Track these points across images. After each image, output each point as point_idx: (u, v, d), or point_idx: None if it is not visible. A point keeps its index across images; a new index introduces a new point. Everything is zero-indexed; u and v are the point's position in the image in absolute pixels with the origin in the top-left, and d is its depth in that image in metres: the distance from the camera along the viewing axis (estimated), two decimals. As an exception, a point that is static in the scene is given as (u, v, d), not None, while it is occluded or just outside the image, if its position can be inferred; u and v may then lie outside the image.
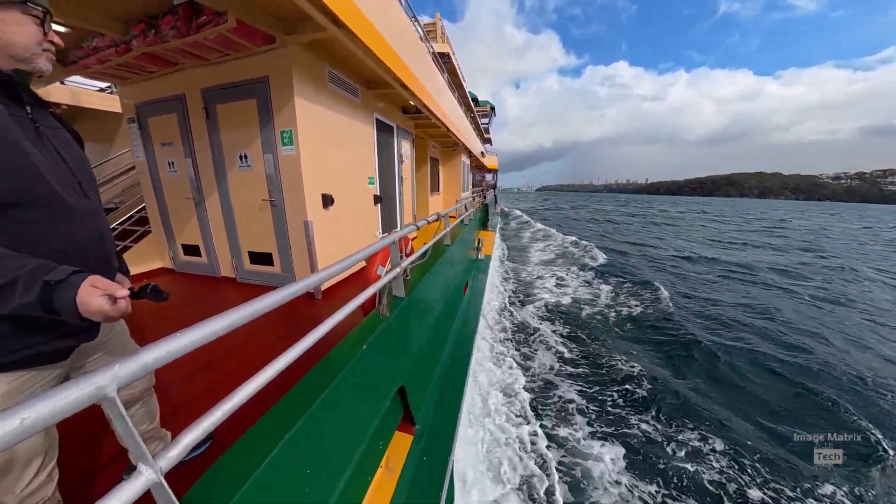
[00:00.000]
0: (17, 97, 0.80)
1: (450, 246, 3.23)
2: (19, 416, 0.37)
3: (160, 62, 2.97)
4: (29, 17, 0.76)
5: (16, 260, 0.64)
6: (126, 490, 0.48)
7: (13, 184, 0.71)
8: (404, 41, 3.24)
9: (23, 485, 0.79)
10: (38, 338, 0.78)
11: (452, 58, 9.19)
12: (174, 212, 3.85)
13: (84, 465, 1.28)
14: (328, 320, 1.02)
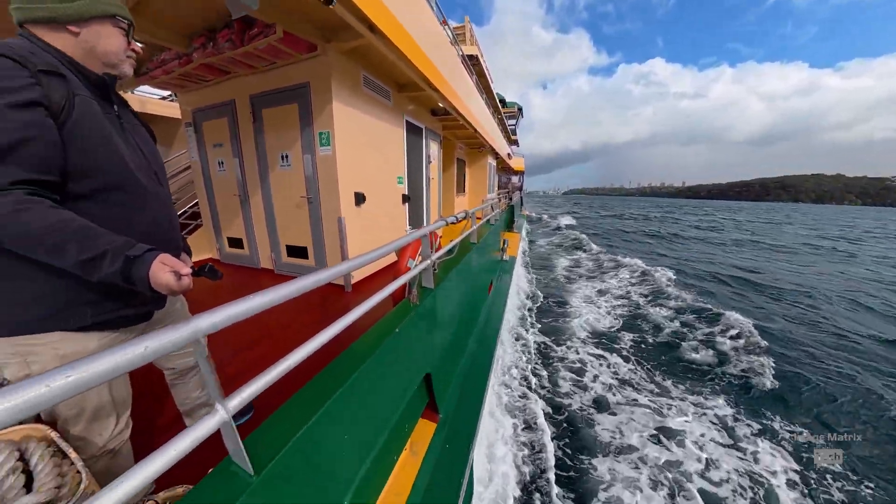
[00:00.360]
0: (108, 97, 0.92)
1: (475, 245, 3.28)
2: (143, 345, 0.47)
3: (215, 71, 3.28)
4: (118, 28, 0.88)
5: (106, 236, 0.74)
6: (205, 425, 0.58)
7: (107, 172, 0.84)
8: (435, 44, 3.34)
9: (110, 428, 0.94)
10: (120, 304, 0.90)
11: (481, 60, 9.24)
12: (222, 207, 4.20)
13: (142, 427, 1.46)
14: (362, 305, 1.11)
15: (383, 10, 2.21)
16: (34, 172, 0.70)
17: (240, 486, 0.64)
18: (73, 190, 0.78)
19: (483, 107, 6.58)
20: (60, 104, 0.75)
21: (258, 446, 0.75)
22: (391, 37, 2.37)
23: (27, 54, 0.73)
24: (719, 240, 20.62)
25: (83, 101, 0.80)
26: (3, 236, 0.67)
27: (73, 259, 0.70)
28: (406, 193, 4.53)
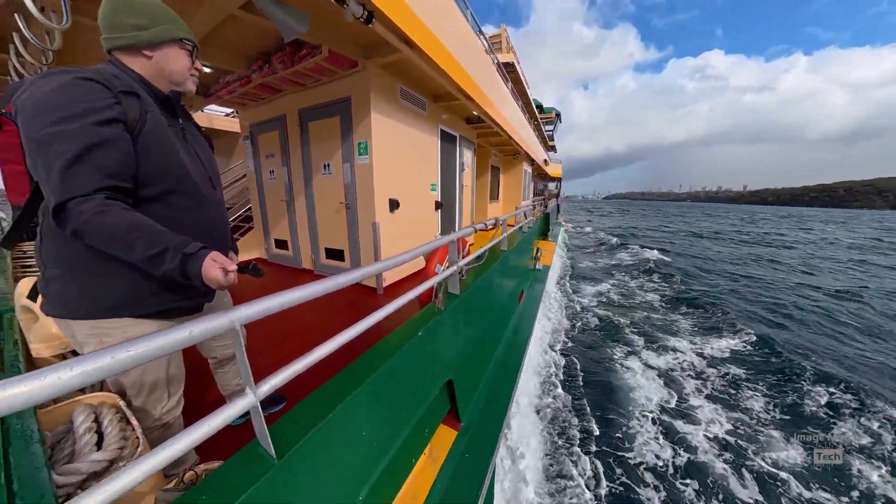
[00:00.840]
0: (173, 112, 1.03)
1: (506, 252, 3.23)
2: (188, 329, 0.54)
3: (270, 90, 3.62)
4: (184, 50, 0.99)
5: (168, 235, 0.82)
6: (237, 405, 0.65)
7: (170, 177, 0.94)
8: (470, 55, 3.40)
9: (164, 401, 1.06)
10: (177, 296, 1.00)
11: (517, 67, 9.20)
12: (270, 211, 4.59)
13: (193, 407, 1.62)
14: (388, 305, 1.15)
15: (420, 25, 2.31)
16: (112, 180, 0.81)
17: (262, 467, 0.69)
18: (142, 194, 0.90)
19: (518, 113, 6.53)
20: (135, 120, 0.87)
21: (283, 432, 0.80)
22: (427, 50, 2.47)
23: (111, 77, 0.86)
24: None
25: (153, 116, 0.92)
26: (87, 234, 0.78)
27: (141, 255, 0.80)
28: (439, 200, 4.61)
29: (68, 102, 0.77)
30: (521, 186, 9.54)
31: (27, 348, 1.26)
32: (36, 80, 0.79)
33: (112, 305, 0.91)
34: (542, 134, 16.44)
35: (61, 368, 0.41)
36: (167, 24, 0.94)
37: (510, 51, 9.78)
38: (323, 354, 0.83)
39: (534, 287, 4.88)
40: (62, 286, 0.90)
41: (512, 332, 3.09)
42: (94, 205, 0.77)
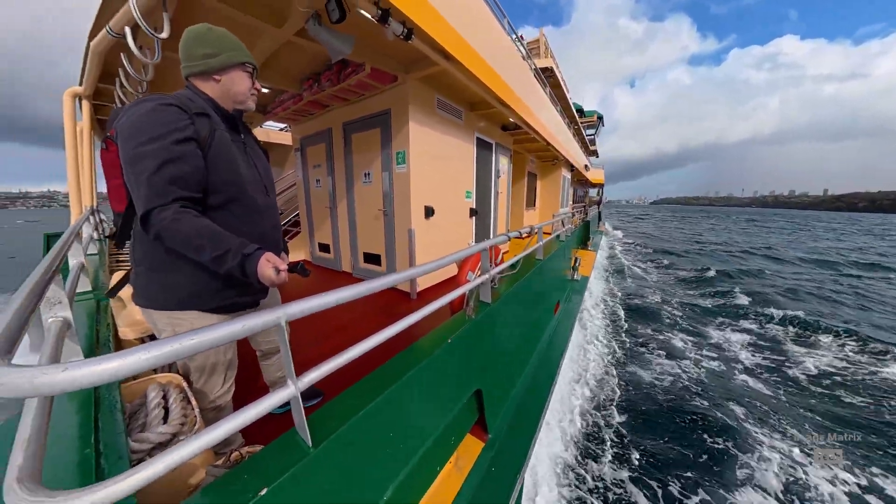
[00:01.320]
0: (237, 128, 1.15)
1: (542, 261, 3.15)
2: (241, 323, 0.60)
3: (318, 106, 3.92)
4: (246, 73, 1.10)
5: (230, 238, 0.93)
6: (279, 395, 0.71)
7: (232, 187, 1.06)
8: (506, 63, 3.41)
9: (218, 386, 1.18)
10: (236, 292, 1.11)
11: (556, 71, 9.02)
12: (316, 217, 4.92)
13: (243, 394, 1.77)
14: (421, 310, 1.17)
15: (457, 38, 2.37)
16: (186, 191, 0.93)
17: (298, 455, 0.74)
18: (209, 202, 1.02)
19: (557, 119, 6.38)
20: (206, 137, 1.00)
21: (319, 424, 0.85)
22: (464, 62, 2.52)
23: (187, 101, 0.99)
24: None
25: (220, 133, 1.05)
26: (166, 238, 0.90)
27: (208, 256, 0.90)
28: (474, 207, 4.63)
29: (152, 125, 0.91)
30: (560, 193, 9.23)
31: (116, 330, 1.48)
32: (130, 107, 0.94)
33: (183, 299, 1.05)
34: (583, 139, 15.85)
35: (140, 351, 0.48)
36: (232, 51, 1.07)
37: (549, 55, 9.63)
38: (358, 353, 0.88)
39: (571, 298, 4.68)
40: (147, 281, 1.05)
41: (545, 344, 2.98)
42: (171, 213, 0.89)
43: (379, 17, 1.81)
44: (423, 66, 2.90)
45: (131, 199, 0.97)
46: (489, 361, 1.82)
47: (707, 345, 6.22)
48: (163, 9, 1.68)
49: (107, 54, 2.27)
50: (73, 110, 3.07)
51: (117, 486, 0.48)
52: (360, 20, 1.87)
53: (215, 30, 1.07)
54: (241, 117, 1.21)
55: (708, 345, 6.22)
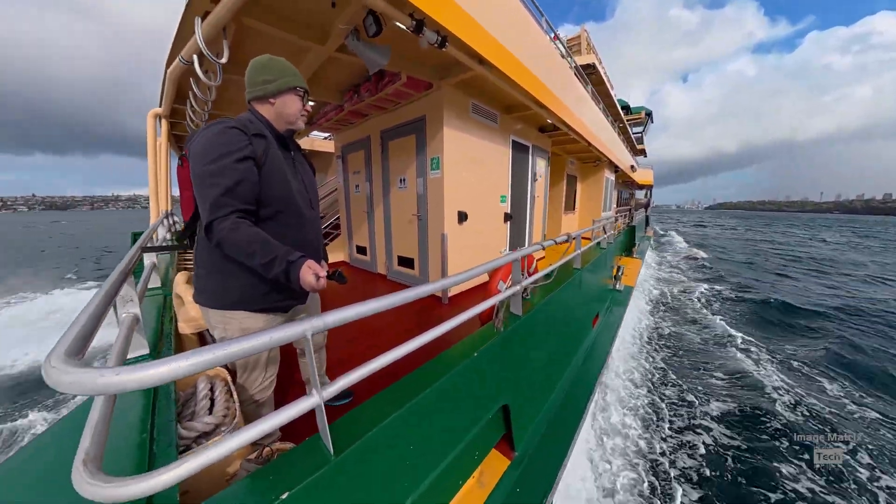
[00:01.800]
0: (287, 146, 1.27)
1: (580, 270, 2.98)
2: (268, 336, 0.64)
3: (358, 115, 4.11)
4: (297, 96, 1.19)
5: (277, 246, 1.02)
6: (302, 404, 0.73)
7: (281, 200, 1.17)
8: (544, 63, 3.31)
9: (260, 380, 1.28)
10: (280, 296, 1.22)
11: (598, 67, 8.56)
12: (354, 221, 5.15)
13: (284, 387, 1.88)
14: (448, 321, 1.16)
15: (491, 41, 2.34)
16: (243, 203, 1.05)
17: (320, 461, 0.77)
18: (261, 213, 1.14)
19: (599, 117, 6.04)
20: (261, 156, 1.11)
21: (342, 430, 0.87)
22: (499, 65, 2.49)
23: (248, 123, 1.11)
24: None
25: (273, 152, 1.16)
26: (224, 245, 1.02)
27: (258, 261, 1.00)
28: (508, 212, 4.53)
29: (217, 146, 1.03)
30: (602, 196, 8.72)
31: (177, 325, 1.66)
32: (202, 130, 1.08)
33: (234, 300, 1.16)
34: (630, 137, 14.87)
35: (182, 359, 0.53)
36: (286, 77, 1.18)
37: (591, 51, 9.20)
38: (388, 361, 0.89)
39: (612, 310, 4.38)
40: (206, 282, 1.18)
41: (582, 359, 2.82)
42: (229, 223, 1.01)
43: (414, 27, 1.85)
44: (457, 71, 2.91)
45: (197, 210, 1.10)
46: (518, 376, 1.76)
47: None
48: (223, 37, 1.87)
49: (180, 79, 2.58)
50: (155, 127, 3.54)
51: (163, 476, 0.53)
52: (396, 32, 1.93)
53: (275, 59, 1.18)
54: (292, 136, 1.32)
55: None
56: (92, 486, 0.49)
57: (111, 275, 0.98)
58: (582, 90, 4.81)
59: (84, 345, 0.60)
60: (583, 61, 8.15)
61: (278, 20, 2.08)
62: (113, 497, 0.49)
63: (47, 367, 0.47)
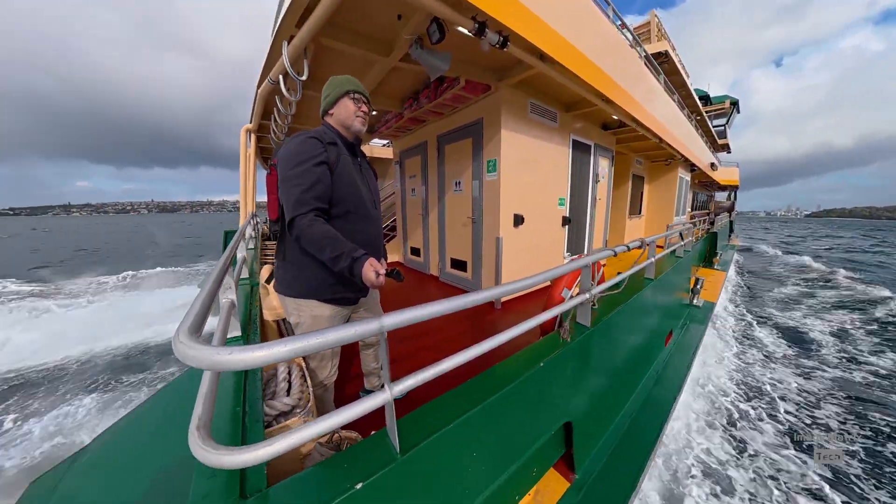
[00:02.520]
0: (355, 152, 1.39)
1: (651, 281, 2.68)
2: (352, 329, 0.66)
3: (416, 122, 4.26)
4: (350, 100, 1.30)
5: (345, 242, 1.12)
6: (375, 399, 0.75)
7: (349, 201, 1.28)
8: (610, 55, 3.08)
9: (328, 368, 1.39)
10: (345, 289, 1.32)
11: (672, 54, 7.71)
12: (410, 223, 5.34)
13: (344, 375, 1.99)
14: (508, 331, 1.10)
15: (554, 37, 2.25)
16: (319, 203, 1.17)
17: (386, 458, 0.78)
18: (332, 212, 1.25)
19: (673, 110, 5.43)
20: (334, 161, 1.24)
21: (407, 429, 0.88)
22: (562, 61, 2.37)
23: (323, 134, 1.25)
24: None
25: (344, 157, 1.28)
26: (302, 240, 1.15)
27: (328, 255, 1.10)
28: (567, 216, 4.30)
29: (299, 153, 1.17)
30: (675, 198, 7.80)
31: (262, 312, 1.86)
32: (288, 141, 1.23)
33: (307, 290, 1.29)
34: (710, 131, 13.15)
35: (278, 345, 0.58)
36: (339, 87, 1.31)
37: (662, 38, 8.36)
38: (454, 365, 0.88)
39: (689, 328, 3.86)
40: (284, 272, 1.33)
41: (653, 381, 2.52)
42: (307, 220, 1.13)
43: (476, 30, 1.85)
44: (517, 71, 2.85)
45: (281, 210, 1.24)
46: (583, 392, 1.63)
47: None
48: (304, 57, 2.07)
49: (266, 98, 2.94)
50: (245, 141, 4.09)
51: (259, 452, 0.58)
52: (456, 37, 1.95)
53: (334, 77, 1.32)
54: (359, 144, 1.44)
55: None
56: (203, 450, 0.55)
57: (216, 266, 1.13)
58: (653, 81, 4.37)
59: (201, 324, 0.69)
60: (654, 49, 7.44)
61: (349, 36, 2.24)
62: (218, 463, 0.55)
63: (176, 342, 0.54)
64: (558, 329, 1.60)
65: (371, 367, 1.79)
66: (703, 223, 8.02)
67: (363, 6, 1.98)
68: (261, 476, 0.72)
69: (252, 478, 0.72)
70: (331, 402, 1.51)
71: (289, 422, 1.08)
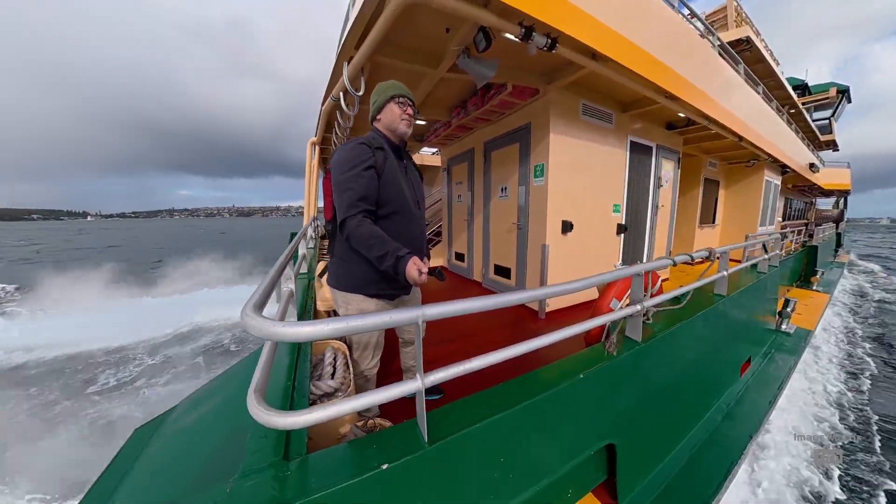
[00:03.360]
0: (401, 156, 1.46)
1: (724, 298, 2.35)
2: (388, 316, 0.72)
3: (464, 130, 4.35)
4: (395, 104, 1.38)
5: (390, 242, 1.20)
6: (407, 386, 0.79)
7: (395, 202, 1.36)
8: (675, 47, 2.83)
9: (369, 359, 1.47)
10: (388, 286, 1.40)
11: (755, 41, 6.74)
12: (455, 228, 5.42)
13: (385, 370, 2.07)
14: (547, 335, 1.07)
15: (607, 33, 2.14)
16: (367, 204, 1.26)
17: (414, 447, 0.81)
18: (379, 213, 1.35)
19: (757, 104, 4.75)
20: (381, 165, 1.33)
21: (437, 422, 0.90)
22: (618, 58, 2.25)
23: (372, 139, 1.35)
24: None
25: (390, 161, 1.36)
26: (352, 239, 1.25)
27: (375, 254, 1.18)
28: (622, 223, 3.99)
29: (349, 159, 1.28)
30: (759, 205, 6.76)
31: (315, 303, 2.04)
32: (340, 148, 1.36)
33: (354, 285, 1.40)
34: (808, 126, 11.19)
35: (323, 323, 0.65)
36: (384, 92, 1.40)
37: (742, 23, 7.40)
38: (482, 365, 0.89)
39: (774, 358, 3.29)
40: (335, 268, 1.46)
41: (721, 415, 2.20)
42: (356, 221, 1.24)
43: (522, 35, 1.85)
44: (567, 72, 2.76)
45: (335, 211, 1.37)
46: (631, 413, 1.49)
47: None
48: (361, 74, 2.27)
49: (329, 113, 3.26)
50: (311, 153, 4.56)
51: (301, 417, 0.66)
52: (503, 43, 1.97)
53: (382, 83, 1.42)
54: (405, 147, 1.53)
55: None
56: (257, 409, 0.65)
57: (280, 258, 1.29)
58: (730, 73, 3.89)
59: (264, 302, 0.80)
60: (733, 36, 6.60)
61: (401, 52, 2.39)
62: (267, 422, 0.64)
63: (243, 314, 0.65)
64: (604, 341, 1.50)
65: (409, 364, 1.85)
66: (798, 234, 6.80)
67: (414, 24, 2.10)
68: (302, 443, 0.81)
69: (295, 443, 0.81)
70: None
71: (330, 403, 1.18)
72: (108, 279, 15.80)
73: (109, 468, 1.39)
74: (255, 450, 0.77)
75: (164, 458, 1.41)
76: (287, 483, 0.70)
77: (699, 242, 6.36)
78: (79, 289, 13.91)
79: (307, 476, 0.72)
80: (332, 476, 0.71)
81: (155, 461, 1.39)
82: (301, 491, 0.68)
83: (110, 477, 1.32)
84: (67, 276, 15.59)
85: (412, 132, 1.51)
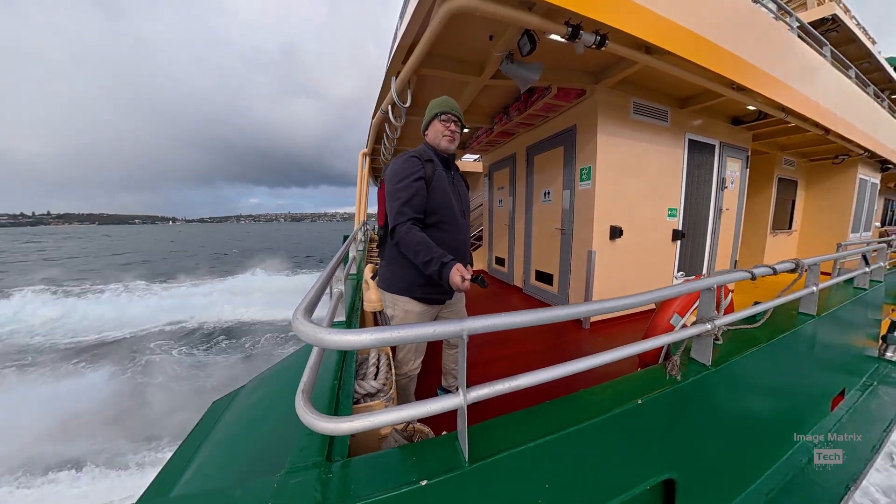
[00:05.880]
0: (448, 167, 1.52)
1: (814, 318, 2.00)
2: (432, 328, 0.72)
3: (506, 135, 4.31)
4: (439, 121, 1.45)
5: (435, 249, 1.25)
6: (449, 401, 0.77)
7: (442, 211, 1.41)
8: (743, 33, 2.54)
9: (412, 361, 1.53)
10: (433, 290, 1.45)
11: (843, 18, 5.83)
12: (496, 233, 5.38)
13: (426, 369, 2.08)
14: (599, 355, 0.97)
15: (663, 24, 1.98)
16: (416, 213, 1.33)
17: (454, 464, 0.78)
18: (427, 221, 1.40)
19: (848, 90, 4.10)
20: (430, 176, 1.39)
21: (477, 439, 0.86)
22: (675, 50, 2.08)
23: (422, 152, 1.42)
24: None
25: (438, 172, 1.43)
26: (401, 245, 1.32)
27: (421, 259, 1.24)
28: (679, 229, 3.66)
29: (400, 171, 1.37)
30: (852, 208, 5.77)
31: (362, 303, 2.12)
32: (393, 160, 1.44)
33: (402, 288, 1.47)
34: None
35: (366, 333, 0.66)
36: (431, 110, 1.48)
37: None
38: (529, 384, 0.85)
39: (876, 391, 2.74)
40: (385, 271, 1.54)
41: (807, 457, 1.86)
42: (405, 228, 1.31)
43: (569, 34, 1.79)
44: (616, 70, 2.62)
45: (387, 218, 1.45)
46: (693, 446, 1.32)
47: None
48: (408, 87, 2.35)
49: (379, 126, 3.42)
50: (362, 163, 4.83)
51: (345, 425, 0.67)
52: (547, 45, 1.92)
53: (434, 100, 1.49)
54: (452, 159, 1.59)
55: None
56: (304, 412, 0.68)
57: (331, 261, 1.36)
58: (813, 56, 3.40)
59: (314, 307, 0.84)
60: (814, 16, 5.81)
61: (445, 63, 2.44)
62: (312, 426, 0.66)
63: (294, 319, 0.68)
64: (664, 362, 1.35)
65: (450, 366, 1.88)
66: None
67: (458, 34, 2.13)
68: (345, 445, 0.84)
69: (338, 445, 0.83)
70: (412, 392, 1.64)
71: (372, 403, 1.20)
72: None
73: (189, 438, 1.52)
74: (302, 447, 0.80)
75: (227, 437, 1.52)
76: (329, 487, 0.71)
77: (771, 251, 5.61)
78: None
79: (348, 481, 0.73)
80: (371, 485, 0.72)
81: (221, 439, 1.51)
82: (342, 496, 0.69)
83: (188, 447, 1.44)
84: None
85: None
